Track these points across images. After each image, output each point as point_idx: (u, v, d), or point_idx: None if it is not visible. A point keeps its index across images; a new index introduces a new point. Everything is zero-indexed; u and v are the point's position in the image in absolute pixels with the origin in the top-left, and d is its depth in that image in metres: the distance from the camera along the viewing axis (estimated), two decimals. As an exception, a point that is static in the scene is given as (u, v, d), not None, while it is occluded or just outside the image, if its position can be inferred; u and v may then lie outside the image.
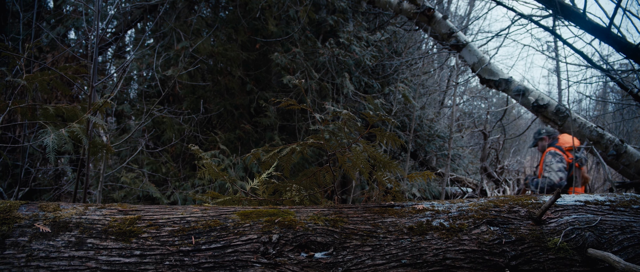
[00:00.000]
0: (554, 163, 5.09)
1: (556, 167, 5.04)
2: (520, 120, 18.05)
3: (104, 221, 1.63)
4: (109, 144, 3.38)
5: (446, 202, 2.00)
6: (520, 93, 5.47)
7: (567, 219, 2.00)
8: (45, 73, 3.08)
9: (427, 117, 10.32)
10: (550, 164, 5.12)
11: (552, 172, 5.03)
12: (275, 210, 1.73)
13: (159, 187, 6.71)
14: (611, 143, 5.24)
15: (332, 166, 2.00)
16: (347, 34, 7.62)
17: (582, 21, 4.22)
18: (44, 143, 2.39)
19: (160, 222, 1.64)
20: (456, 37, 5.49)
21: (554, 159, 5.12)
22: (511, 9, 4.28)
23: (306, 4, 7.07)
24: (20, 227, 1.59)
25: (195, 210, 1.72)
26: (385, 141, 1.88)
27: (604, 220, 2.06)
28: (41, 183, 6.75)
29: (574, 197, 2.18)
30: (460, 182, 10.20)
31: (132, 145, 6.80)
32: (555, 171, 5.02)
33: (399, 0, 5.66)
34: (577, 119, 5.38)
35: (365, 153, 1.88)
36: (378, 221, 1.79)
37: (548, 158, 5.18)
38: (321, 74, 7.57)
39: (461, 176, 10.53)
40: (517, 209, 1.99)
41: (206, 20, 8.39)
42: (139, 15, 8.22)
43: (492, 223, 1.89)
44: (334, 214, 1.78)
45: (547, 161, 5.17)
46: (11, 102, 2.94)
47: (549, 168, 5.10)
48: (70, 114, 2.98)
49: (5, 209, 1.65)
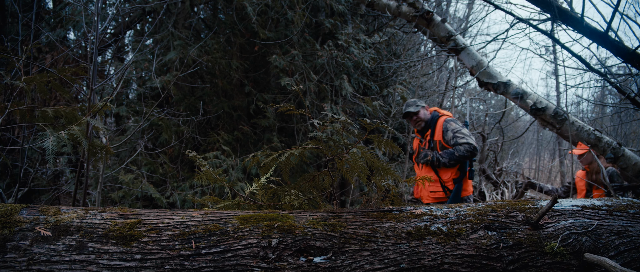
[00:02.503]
0: (463, 128, 4.54)
1: (467, 132, 4.48)
2: (518, 122, 18.09)
3: (105, 225, 1.64)
4: (108, 146, 3.39)
5: (444, 207, 2.02)
6: (518, 96, 5.49)
7: (564, 224, 2.02)
8: (44, 75, 3.08)
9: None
10: (461, 129, 4.48)
11: (470, 138, 4.41)
12: (274, 214, 1.75)
13: (157, 187, 6.73)
14: (609, 146, 5.26)
15: (330, 170, 2.02)
16: (345, 36, 7.64)
17: (580, 25, 4.23)
18: (43, 146, 2.40)
19: (160, 226, 1.66)
20: (455, 40, 5.51)
21: (459, 125, 4.55)
22: (510, 13, 4.31)
23: (303, 8, 7.08)
24: (22, 230, 1.60)
25: (196, 214, 1.73)
26: (383, 146, 1.89)
27: (601, 225, 2.08)
28: (40, 183, 6.76)
29: (571, 202, 2.20)
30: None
31: (130, 146, 6.81)
32: (469, 135, 4.44)
33: (398, 4, 5.68)
34: (575, 122, 5.40)
35: (363, 158, 1.89)
36: (376, 226, 1.80)
37: (452, 125, 4.51)
38: (320, 76, 7.58)
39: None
40: (515, 214, 2.01)
41: (205, 21, 8.41)
42: (138, 17, 8.23)
43: (489, 228, 1.90)
44: (333, 218, 1.80)
45: (453, 127, 4.48)
46: (10, 104, 2.95)
47: (461, 135, 4.41)
48: (70, 116, 2.98)
49: (6, 212, 1.66)
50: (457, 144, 4.33)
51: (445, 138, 4.47)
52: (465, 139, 4.32)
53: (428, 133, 4.63)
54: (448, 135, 4.43)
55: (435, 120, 4.63)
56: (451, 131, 4.42)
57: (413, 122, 4.72)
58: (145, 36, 7.36)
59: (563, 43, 4.24)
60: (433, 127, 4.61)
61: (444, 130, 4.47)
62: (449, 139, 4.42)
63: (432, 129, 4.61)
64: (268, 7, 7.30)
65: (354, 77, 7.96)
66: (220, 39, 7.45)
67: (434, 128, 4.59)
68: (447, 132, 4.44)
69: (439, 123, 4.56)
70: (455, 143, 4.35)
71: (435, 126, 4.59)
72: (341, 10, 8.10)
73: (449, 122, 4.53)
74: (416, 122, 4.68)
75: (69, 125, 2.83)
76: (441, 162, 4.38)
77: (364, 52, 7.76)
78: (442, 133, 4.49)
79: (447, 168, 4.45)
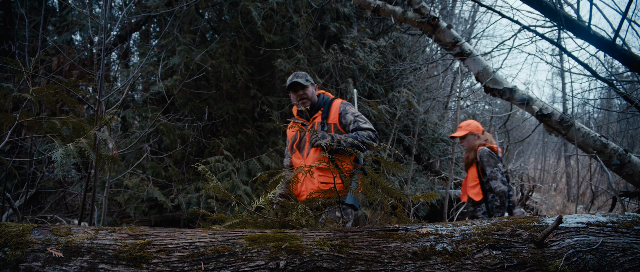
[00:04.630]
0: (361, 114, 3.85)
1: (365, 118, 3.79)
2: (524, 123, 18.04)
3: (115, 246, 1.67)
4: (116, 155, 3.43)
5: (449, 225, 2.03)
6: (524, 102, 5.49)
7: (569, 242, 2.03)
8: (51, 86, 3.12)
9: (430, 120, 10.35)
10: (361, 114, 3.80)
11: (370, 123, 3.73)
12: (282, 235, 1.77)
13: (162, 190, 6.77)
14: (615, 153, 5.26)
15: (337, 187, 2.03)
16: (351, 40, 7.66)
17: (586, 34, 4.22)
18: (52, 158, 2.43)
19: (169, 247, 1.68)
20: (461, 46, 5.51)
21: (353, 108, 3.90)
22: (516, 22, 4.30)
23: (309, 12, 7.10)
24: (33, 251, 1.63)
25: (204, 235, 1.76)
26: (390, 167, 1.91)
27: (606, 242, 2.08)
28: (46, 185, 6.81)
29: (576, 219, 2.21)
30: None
31: (136, 148, 6.85)
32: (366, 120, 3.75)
33: (404, 10, 5.68)
34: (581, 128, 5.40)
35: (370, 178, 1.91)
36: (382, 246, 1.82)
37: (351, 108, 3.88)
38: (325, 79, 7.60)
39: (464, 180, 10.51)
40: (520, 232, 2.02)
41: (210, 23, 8.44)
42: (144, 19, 8.26)
43: (494, 247, 1.91)
44: (340, 238, 1.81)
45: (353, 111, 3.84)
46: (19, 116, 2.98)
47: (362, 119, 3.74)
48: (77, 126, 3.01)
49: (18, 233, 1.69)
50: (359, 129, 3.65)
51: (342, 121, 3.78)
52: (368, 125, 3.67)
53: (317, 115, 3.87)
54: (347, 118, 3.75)
55: (329, 102, 3.93)
56: (351, 114, 3.76)
57: (297, 97, 3.87)
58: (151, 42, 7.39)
59: (570, 52, 4.24)
60: (327, 109, 3.87)
61: (343, 112, 3.79)
62: (349, 122, 3.74)
63: (325, 110, 3.87)
64: (273, 11, 7.32)
65: (360, 80, 7.97)
66: (225, 42, 7.48)
67: (328, 110, 3.86)
68: (345, 115, 3.76)
69: (335, 105, 3.87)
70: (357, 127, 3.67)
71: (329, 108, 3.87)
72: (347, 13, 8.12)
73: (347, 104, 3.90)
74: (301, 98, 3.85)
75: (77, 135, 2.86)
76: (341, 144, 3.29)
77: (370, 56, 7.77)
78: (338, 116, 3.79)
79: (343, 156, 3.55)
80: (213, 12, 8.77)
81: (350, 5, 7.97)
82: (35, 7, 7.91)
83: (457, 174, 10.89)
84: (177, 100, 7.44)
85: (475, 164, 4.86)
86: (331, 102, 3.88)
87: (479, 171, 4.80)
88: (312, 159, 3.62)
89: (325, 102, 3.92)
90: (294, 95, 3.87)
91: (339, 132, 3.72)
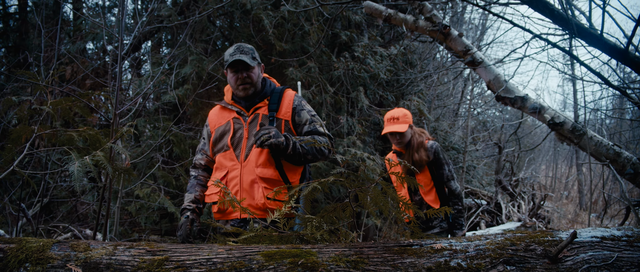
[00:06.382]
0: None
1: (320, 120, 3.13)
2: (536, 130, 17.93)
3: (133, 262, 1.69)
4: (129, 167, 3.47)
5: (464, 240, 2.03)
6: (536, 111, 5.47)
7: (583, 257, 2.02)
8: (69, 99, 3.18)
9: (441, 128, 10.34)
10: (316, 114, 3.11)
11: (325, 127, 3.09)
12: (298, 251, 1.78)
13: (173, 200, 6.81)
14: (628, 161, 5.22)
15: (351, 202, 2.05)
16: (362, 48, 7.68)
17: (599, 42, 4.20)
18: (69, 171, 2.47)
19: (187, 263, 1.70)
20: (472, 55, 5.51)
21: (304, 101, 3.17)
22: (527, 31, 4.29)
23: (320, 21, 7.13)
24: (54, 267, 1.65)
25: (221, 250, 1.77)
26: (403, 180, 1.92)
27: (621, 257, 2.07)
28: (58, 196, 6.88)
29: (590, 233, 2.20)
30: (475, 194, 10.18)
31: (147, 158, 6.90)
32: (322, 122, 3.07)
33: (415, 18, 5.70)
34: (593, 137, 5.36)
35: (385, 193, 1.92)
36: (397, 262, 1.82)
37: (307, 105, 3.11)
38: (336, 88, 7.63)
39: (476, 188, 10.51)
40: (534, 247, 2.02)
41: (222, 31, 8.50)
42: (155, 29, 8.35)
43: (508, 262, 1.91)
44: (355, 254, 1.82)
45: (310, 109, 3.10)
46: (37, 128, 3.04)
47: (319, 121, 3.03)
48: (93, 139, 3.06)
49: (39, 248, 1.72)
50: (316, 133, 2.97)
51: (296, 119, 3.00)
52: (325, 130, 2.93)
53: (262, 105, 3.01)
54: (302, 115, 3.00)
55: (280, 92, 3.09)
56: (307, 112, 3.03)
57: (239, 80, 2.96)
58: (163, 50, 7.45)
59: (582, 60, 4.22)
60: (276, 100, 3.02)
61: (298, 108, 3.02)
62: (304, 122, 3.00)
63: (274, 101, 3.02)
64: (284, 20, 7.37)
65: (371, 88, 7.99)
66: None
67: (279, 101, 3.02)
68: (301, 112, 3.01)
69: (288, 96, 3.07)
70: (313, 130, 2.97)
71: (279, 99, 3.03)
72: (358, 21, 8.14)
73: (302, 99, 3.13)
74: (244, 82, 2.95)
75: (93, 148, 2.91)
76: (297, 150, 2.79)
77: (381, 64, 7.78)
78: (292, 111, 3.00)
79: (293, 164, 2.93)
80: (225, 21, 8.85)
81: (361, 12, 8.00)
82: (49, 15, 8.01)
83: (468, 182, 10.86)
84: (188, 109, 7.49)
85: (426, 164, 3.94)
86: (282, 92, 3.08)
87: (432, 171, 3.94)
88: (253, 163, 2.83)
89: (273, 90, 3.10)
90: (233, 76, 2.98)
91: (290, 132, 2.96)
